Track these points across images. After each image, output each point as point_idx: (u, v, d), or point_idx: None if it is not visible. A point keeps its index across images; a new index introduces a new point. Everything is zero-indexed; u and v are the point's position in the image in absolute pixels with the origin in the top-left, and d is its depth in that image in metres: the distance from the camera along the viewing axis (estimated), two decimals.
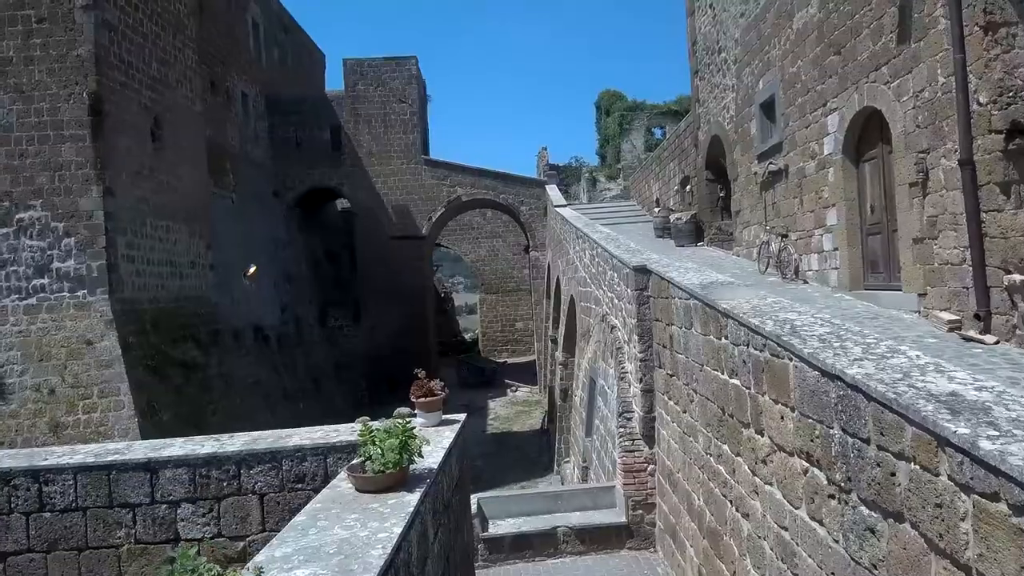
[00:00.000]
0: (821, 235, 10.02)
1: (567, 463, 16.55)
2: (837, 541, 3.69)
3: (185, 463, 5.06)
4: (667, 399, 7.89)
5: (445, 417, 5.33)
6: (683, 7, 16.98)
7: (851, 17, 8.66)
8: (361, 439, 3.85)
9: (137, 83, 16.89)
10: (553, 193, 25.75)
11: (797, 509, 4.23)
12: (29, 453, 5.80)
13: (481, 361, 37.53)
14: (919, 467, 2.88)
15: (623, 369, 9.30)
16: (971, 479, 2.53)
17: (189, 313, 18.24)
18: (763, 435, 4.79)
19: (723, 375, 5.68)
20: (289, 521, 3.44)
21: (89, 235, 15.23)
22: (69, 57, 15.23)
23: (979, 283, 6.39)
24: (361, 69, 28.81)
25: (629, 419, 8.83)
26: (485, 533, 8.66)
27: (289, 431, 5.55)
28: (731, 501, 5.58)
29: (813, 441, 3.94)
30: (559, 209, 21.71)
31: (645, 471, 8.58)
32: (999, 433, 2.49)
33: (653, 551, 8.49)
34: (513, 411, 28.90)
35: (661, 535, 8.35)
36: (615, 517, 8.80)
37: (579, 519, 8.85)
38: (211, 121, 21.44)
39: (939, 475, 2.74)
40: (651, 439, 8.55)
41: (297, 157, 27.91)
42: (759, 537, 4.94)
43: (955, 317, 6.79)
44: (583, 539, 8.64)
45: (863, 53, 8.41)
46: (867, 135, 8.90)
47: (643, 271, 8.61)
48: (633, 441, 8.67)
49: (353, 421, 4.94)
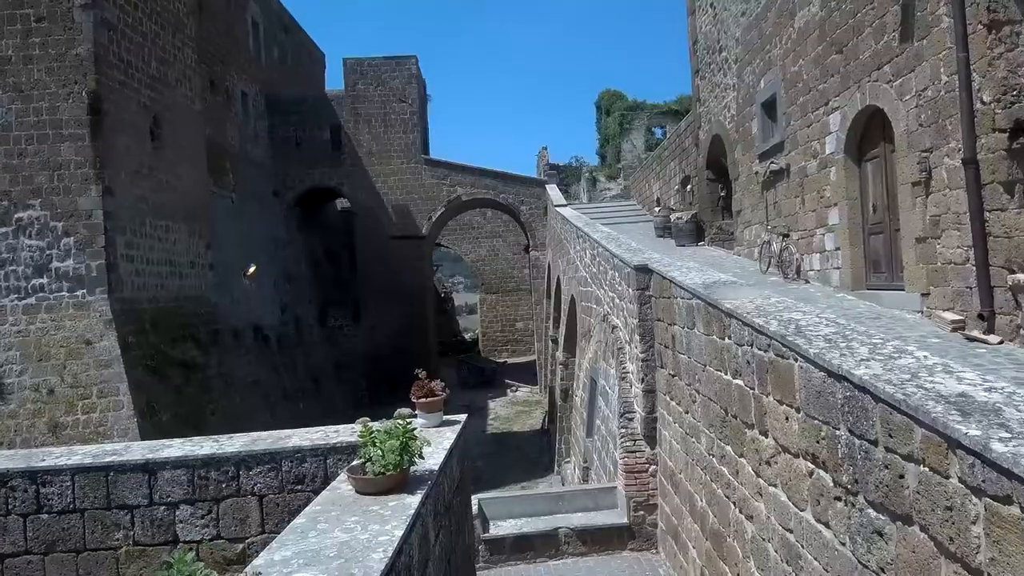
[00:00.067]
0: (823, 234, 9.99)
1: (568, 463, 16.52)
2: (844, 544, 3.65)
3: (184, 464, 5.02)
4: (669, 400, 7.85)
5: (446, 418, 5.29)
6: (684, 6, 16.95)
7: (853, 16, 8.63)
8: (361, 440, 3.81)
9: (136, 82, 16.85)
10: (553, 193, 25.71)
11: (802, 511, 4.19)
12: (27, 454, 5.76)
13: (481, 361, 37.48)
14: (929, 469, 2.83)
15: (624, 369, 9.26)
16: (983, 482, 2.49)
17: (189, 313, 18.20)
18: (767, 436, 4.75)
19: (726, 375, 5.64)
20: (289, 523, 3.40)
21: (88, 234, 15.19)
22: (68, 56, 15.19)
23: (983, 283, 6.35)
24: (361, 68, 28.77)
25: (630, 419, 8.79)
26: (486, 534, 8.63)
27: (288, 432, 5.50)
28: (734, 502, 5.54)
29: (819, 442, 3.90)
30: (559, 209, 21.67)
31: (647, 472, 8.55)
32: (1011, 435, 2.45)
33: (655, 552, 8.46)
34: (513, 411, 28.86)
35: (663, 536, 8.31)
36: (617, 518, 8.76)
37: (580, 520, 8.82)
38: (211, 120, 21.39)
39: (949, 477, 2.70)
40: (653, 440, 8.51)
41: (297, 157, 27.86)
42: (763, 539, 4.89)
43: (958, 317, 6.75)
44: (584, 540, 8.61)
45: (865, 52, 8.38)
46: (869, 134, 8.87)
47: (645, 271, 8.57)
48: (635, 442, 8.63)
49: (353, 421, 4.89)
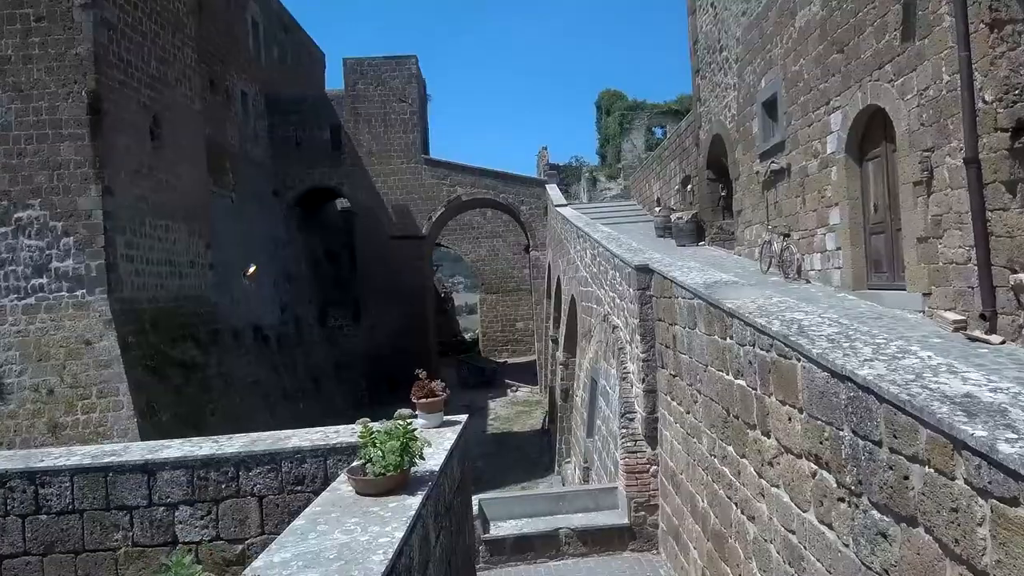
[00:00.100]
0: (824, 234, 9.96)
1: (568, 463, 16.51)
2: (847, 545, 3.62)
3: (183, 465, 4.99)
4: (670, 400, 7.83)
5: (447, 418, 5.26)
6: (684, 6, 16.92)
7: (854, 15, 8.60)
8: (361, 441, 3.78)
9: (136, 82, 16.83)
10: (553, 193, 25.69)
11: (805, 512, 4.17)
12: (25, 455, 5.73)
13: (481, 361, 37.46)
14: (934, 470, 2.81)
15: (625, 369, 9.24)
16: (989, 483, 2.47)
17: (188, 313, 18.18)
18: (770, 437, 4.73)
19: (728, 376, 5.61)
20: (288, 524, 3.38)
21: (88, 234, 15.17)
22: (68, 55, 15.17)
23: (984, 282, 6.33)
24: (361, 68, 28.75)
25: (631, 420, 8.77)
26: (487, 535, 8.61)
27: (288, 432, 5.47)
28: (736, 503, 5.52)
29: (822, 443, 3.87)
30: (560, 208, 21.64)
31: (647, 472, 8.53)
32: (1018, 436, 2.43)
33: (656, 553, 8.44)
34: (513, 411, 28.84)
35: (664, 537, 8.29)
36: (617, 519, 8.74)
37: (581, 520, 8.80)
38: (210, 120, 21.37)
39: (955, 479, 2.68)
40: (654, 440, 8.49)
41: (297, 156, 27.83)
42: (765, 540, 4.87)
43: (960, 317, 6.73)
44: (585, 541, 8.59)
45: (866, 51, 8.35)
46: (870, 133, 8.84)
47: (646, 270, 8.55)
48: (635, 442, 8.61)
49: (353, 422, 4.87)
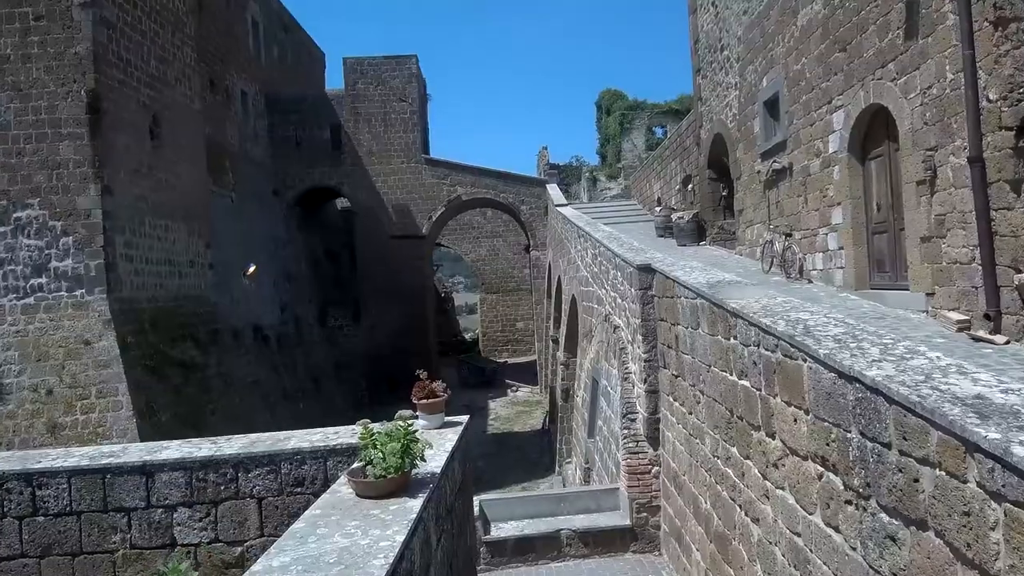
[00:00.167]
0: (826, 234, 9.92)
1: (569, 464, 16.46)
2: (855, 548, 3.58)
3: (181, 466, 4.94)
4: (672, 400, 7.78)
5: (448, 419, 5.21)
6: (685, 5, 16.87)
7: (857, 13, 8.56)
8: (362, 442, 3.73)
9: (136, 81, 16.78)
10: (554, 192, 25.66)
11: (811, 515, 4.12)
12: (22, 456, 5.68)
13: (481, 361, 37.43)
14: (945, 473, 2.77)
15: (627, 369, 9.19)
16: (1003, 486, 2.43)
17: (188, 312, 18.13)
18: (775, 438, 4.68)
19: (732, 376, 5.57)
20: (288, 526, 3.33)
21: (87, 234, 15.12)
22: (67, 55, 15.12)
23: (989, 282, 6.29)
24: (361, 68, 28.71)
25: (633, 420, 8.72)
26: (487, 536, 8.56)
27: (288, 433, 5.43)
28: (740, 505, 5.47)
29: (829, 445, 3.83)
30: (560, 208, 21.60)
31: (649, 473, 8.48)
32: None
33: (658, 554, 8.39)
34: (514, 411, 28.80)
35: (666, 538, 8.24)
36: (619, 520, 8.70)
37: (583, 522, 8.75)
38: (210, 119, 21.33)
39: (967, 482, 2.63)
40: (655, 441, 8.44)
41: (297, 156, 27.80)
42: (770, 543, 4.82)
43: (964, 317, 6.68)
44: (587, 542, 8.54)
45: (869, 50, 8.30)
46: (873, 133, 8.80)
47: (647, 270, 8.50)
48: (637, 443, 8.56)
49: (353, 422, 4.82)
